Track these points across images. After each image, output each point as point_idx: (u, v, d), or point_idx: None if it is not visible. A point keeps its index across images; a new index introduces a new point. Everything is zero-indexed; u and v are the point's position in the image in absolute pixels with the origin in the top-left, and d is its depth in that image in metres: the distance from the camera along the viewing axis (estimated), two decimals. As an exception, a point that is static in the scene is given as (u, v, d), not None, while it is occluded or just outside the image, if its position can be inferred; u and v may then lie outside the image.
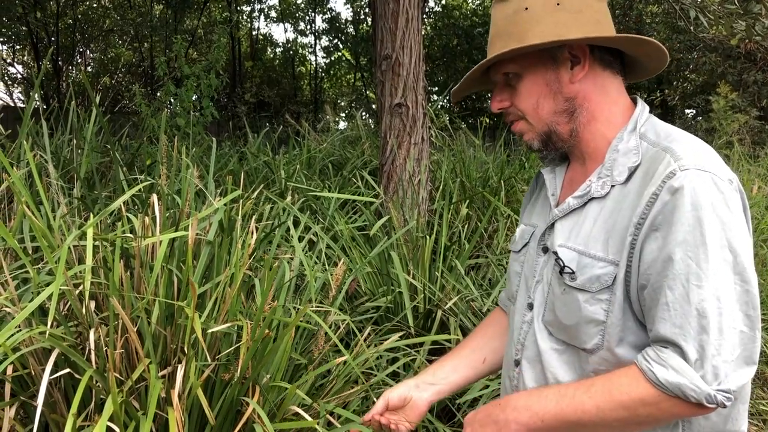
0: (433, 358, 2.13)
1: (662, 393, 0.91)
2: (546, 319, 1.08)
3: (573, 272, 1.02)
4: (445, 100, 11.01)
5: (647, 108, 1.10)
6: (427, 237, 2.35)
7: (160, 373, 1.53)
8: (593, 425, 0.96)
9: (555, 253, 1.06)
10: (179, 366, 1.52)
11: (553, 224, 1.10)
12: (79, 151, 2.94)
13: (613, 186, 1.03)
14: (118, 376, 1.46)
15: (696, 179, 0.93)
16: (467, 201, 2.88)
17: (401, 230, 2.34)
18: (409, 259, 2.35)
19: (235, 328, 1.65)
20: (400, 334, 1.99)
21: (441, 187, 3.23)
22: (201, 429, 1.60)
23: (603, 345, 1.00)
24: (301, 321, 1.72)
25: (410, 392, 1.24)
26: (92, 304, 1.63)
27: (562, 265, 1.04)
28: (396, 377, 2.00)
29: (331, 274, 1.91)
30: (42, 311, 1.64)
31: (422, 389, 1.25)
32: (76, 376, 1.48)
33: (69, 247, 1.65)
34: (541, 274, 1.11)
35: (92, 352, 1.52)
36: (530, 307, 1.12)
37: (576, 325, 1.02)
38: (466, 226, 2.72)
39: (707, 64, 11.12)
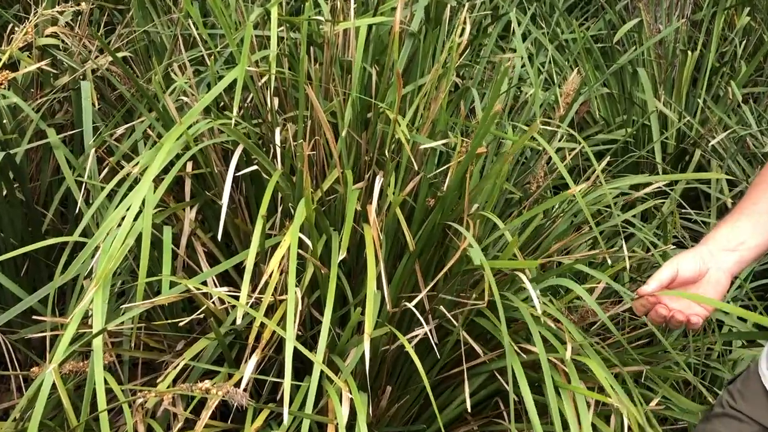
0: (685, 210, 1.67)
1: None
2: None
3: None
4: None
5: None
6: (689, 52, 1.81)
7: (354, 186, 1.28)
8: None
9: None
10: (377, 177, 1.26)
11: None
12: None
13: None
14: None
15: None
16: (747, 8, 2.19)
17: (653, 39, 1.82)
18: (660, 81, 1.86)
19: (439, 138, 1.33)
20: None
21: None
22: (398, 257, 1.35)
23: None
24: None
25: (706, 263, 1.00)
26: (275, 102, 1.40)
27: None
28: (630, 227, 1.58)
29: (560, 88, 1.49)
30: (218, 108, 1.44)
31: (720, 258, 1.00)
32: (264, 176, 1.29)
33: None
34: None
35: (278, 154, 1.31)
36: None
37: None
38: (744, 42, 2.09)
39: None
